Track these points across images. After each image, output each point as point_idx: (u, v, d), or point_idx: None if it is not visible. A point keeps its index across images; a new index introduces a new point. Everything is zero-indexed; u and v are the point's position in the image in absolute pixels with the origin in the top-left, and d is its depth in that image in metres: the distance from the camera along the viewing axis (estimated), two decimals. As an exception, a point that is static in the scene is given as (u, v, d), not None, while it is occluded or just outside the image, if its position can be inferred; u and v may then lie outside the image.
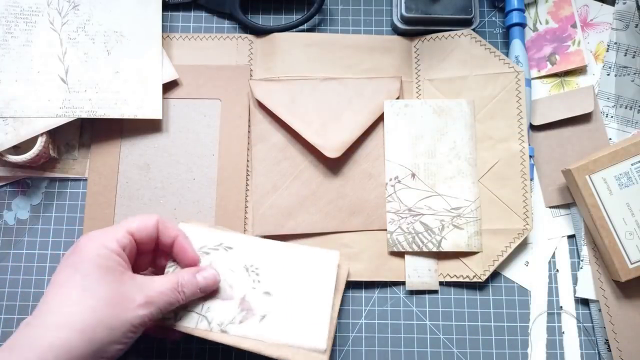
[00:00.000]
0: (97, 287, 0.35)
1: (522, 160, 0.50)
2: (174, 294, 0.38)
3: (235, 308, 0.43)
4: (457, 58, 0.53)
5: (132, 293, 0.36)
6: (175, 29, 0.55)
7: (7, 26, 0.49)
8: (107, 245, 0.37)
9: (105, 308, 0.34)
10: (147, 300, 0.36)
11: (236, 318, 0.42)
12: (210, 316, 0.42)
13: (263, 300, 0.43)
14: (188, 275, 0.40)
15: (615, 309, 0.48)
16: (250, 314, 0.43)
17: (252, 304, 0.43)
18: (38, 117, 0.48)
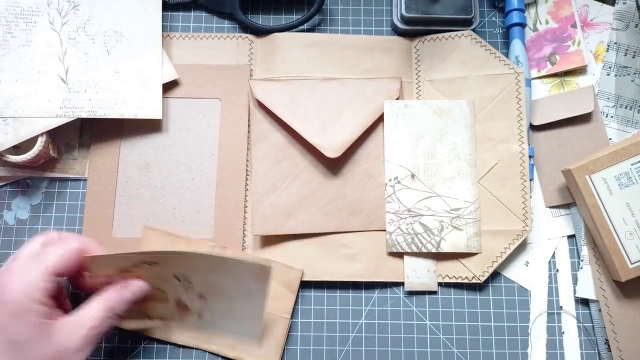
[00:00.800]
0: (27, 348, 0.34)
1: (521, 161, 0.50)
2: (107, 321, 0.38)
3: (172, 308, 0.46)
4: (457, 59, 0.53)
5: (65, 341, 0.35)
6: (175, 29, 0.55)
7: (7, 26, 0.49)
8: (32, 296, 0.35)
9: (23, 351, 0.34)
10: (84, 342, 0.36)
11: (175, 317, 0.46)
12: (151, 314, 0.46)
13: (199, 302, 0.45)
14: (115, 296, 0.40)
15: (615, 309, 0.48)
16: (188, 312, 0.46)
17: (188, 304, 0.45)
18: (38, 117, 0.48)
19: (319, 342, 0.49)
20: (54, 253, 0.38)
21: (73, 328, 0.36)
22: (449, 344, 0.49)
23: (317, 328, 0.49)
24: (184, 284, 0.44)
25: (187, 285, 0.44)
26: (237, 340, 0.47)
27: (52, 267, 0.37)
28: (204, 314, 0.46)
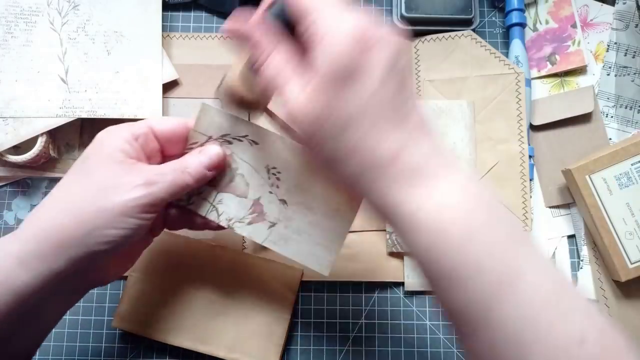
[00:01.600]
0: (93, 171, 0.34)
1: (521, 161, 0.50)
2: (177, 173, 0.35)
3: (246, 207, 0.40)
4: (458, 59, 0.53)
5: (132, 177, 0.33)
6: (175, 29, 0.55)
7: (7, 26, 0.49)
8: (118, 134, 0.35)
9: (97, 191, 0.33)
10: (146, 181, 0.33)
11: (246, 217, 0.40)
12: (221, 209, 0.40)
13: (278, 207, 0.40)
14: (190, 155, 0.37)
15: (615, 309, 0.48)
16: (261, 218, 0.40)
17: (265, 208, 0.40)
18: (38, 117, 0.48)
19: (319, 342, 0.49)
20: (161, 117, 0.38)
21: (146, 169, 0.35)
22: (449, 344, 0.49)
23: (317, 328, 0.49)
24: (272, 180, 0.40)
25: (274, 182, 0.40)
26: (236, 340, 0.47)
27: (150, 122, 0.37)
28: (278, 222, 0.40)
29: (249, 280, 0.48)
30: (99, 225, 0.32)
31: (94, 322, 0.49)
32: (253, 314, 0.48)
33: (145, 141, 0.36)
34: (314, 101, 0.28)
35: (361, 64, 0.27)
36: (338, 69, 0.27)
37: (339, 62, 0.27)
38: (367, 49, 0.27)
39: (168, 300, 0.48)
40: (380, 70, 0.27)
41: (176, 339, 0.47)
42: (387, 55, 0.27)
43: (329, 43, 0.27)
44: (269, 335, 0.47)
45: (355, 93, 0.27)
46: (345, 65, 0.27)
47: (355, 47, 0.26)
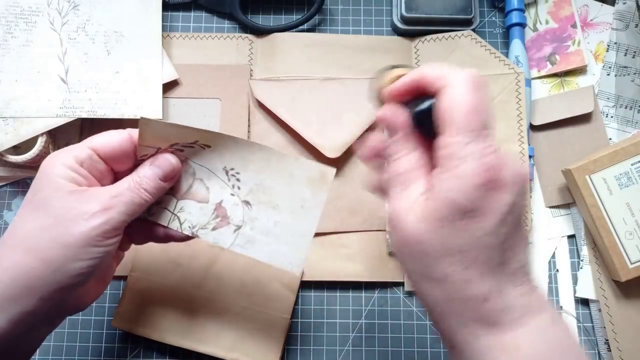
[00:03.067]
0: (47, 205, 0.32)
1: (521, 161, 0.50)
2: (133, 192, 0.34)
3: (209, 212, 0.39)
4: (457, 59, 0.53)
5: (87, 205, 0.32)
6: (175, 29, 0.55)
7: (7, 26, 0.49)
8: (63, 161, 0.34)
9: (55, 225, 0.32)
10: (103, 207, 0.33)
11: (210, 223, 0.39)
12: (183, 217, 0.38)
13: (241, 209, 0.39)
14: (142, 168, 0.36)
15: (615, 309, 0.48)
16: (225, 222, 0.39)
17: (229, 211, 0.39)
18: (38, 117, 0.48)
19: (319, 342, 0.49)
20: (98, 134, 0.36)
21: (99, 194, 0.34)
22: (449, 344, 0.49)
23: (317, 328, 0.49)
24: (233, 182, 0.39)
25: (234, 184, 0.39)
26: (235, 340, 0.47)
27: (90, 143, 0.35)
28: (243, 225, 0.39)
29: (249, 280, 0.48)
30: (65, 261, 0.31)
31: (94, 322, 0.49)
32: (253, 314, 0.48)
33: (91, 164, 0.35)
34: (424, 221, 0.27)
35: (483, 205, 0.27)
36: (460, 205, 0.26)
37: (463, 200, 0.26)
38: (492, 191, 0.26)
39: (168, 300, 0.48)
40: (499, 214, 0.27)
41: (176, 339, 0.47)
42: (509, 201, 0.27)
43: (458, 176, 0.26)
44: (269, 335, 0.47)
45: (468, 230, 0.27)
46: (467, 204, 0.26)
47: (482, 189, 0.26)
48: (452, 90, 0.27)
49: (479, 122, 0.27)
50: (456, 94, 0.27)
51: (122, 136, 0.36)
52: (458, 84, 0.27)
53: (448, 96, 0.27)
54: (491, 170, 0.26)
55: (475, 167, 0.26)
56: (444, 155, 0.27)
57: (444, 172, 0.27)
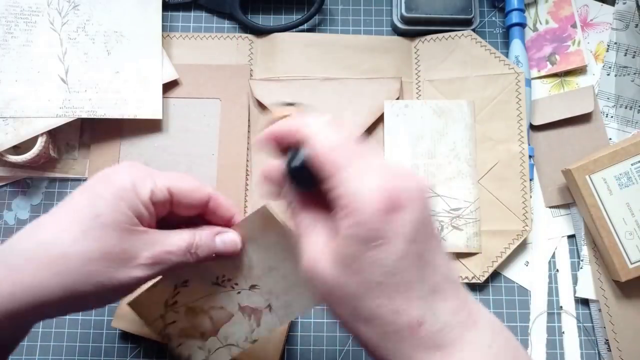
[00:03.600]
0: (100, 233, 0.30)
1: (521, 161, 0.50)
2: (186, 255, 0.33)
3: (242, 319, 0.38)
4: (458, 59, 0.53)
5: (138, 249, 0.31)
6: (175, 29, 0.55)
7: (7, 26, 0.49)
8: (139, 192, 0.31)
9: (98, 261, 0.30)
10: (153, 260, 0.31)
11: (252, 324, 0.38)
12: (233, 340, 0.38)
13: (256, 294, 0.38)
14: (206, 236, 0.34)
15: (615, 309, 0.48)
16: (257, 313, 0.38)
17: (250, 302, 0.38)
18: (38, 117, 0.48)
19: (319, 342, 0.49)
20: (183, 178, 0.34)
21: (153, 241, 0.32)
22: (449, 344, 0.49)
23: (317, 328, 0.49)
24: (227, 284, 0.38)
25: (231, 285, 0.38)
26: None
27: (172, 184, 0.33)
28: (269, 301, 0.38)
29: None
30: (93, 299, 0.31)
31: (94, 322, 0.49)
32: (253, 314, 0.47)
33: (162, 206, 0.33)
34: (335, 265, 0.26)
35: (386, 230, 0.25)
36: (362, 237, 0.25)
37: (364, 231, 0.25)
38: (393, 212, 0.25)
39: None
40: (406, 235, 0.26)
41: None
42: (413, 217, 0.26)
43: (354, 209, 0.25)
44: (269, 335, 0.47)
45: (379, 259, 0.26)
46: (369, 234, 0.25)
47: (381, 213, 0.25)
48: (315, 137, 0.27)
49: (353, 152, 0.26)
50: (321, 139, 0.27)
51: (202, 195, 0.34)
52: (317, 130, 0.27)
53: (315, 144, 0.27)
54: (387, 192, 0.25)
55: (370, 194, 0.25)
56: (335, 196, 0.26)
57: (339, 211, 0.26)
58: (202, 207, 0.35)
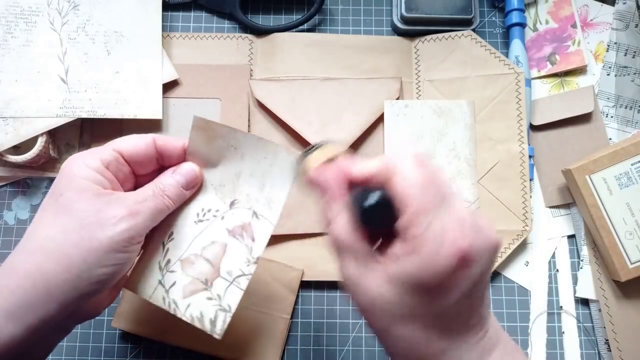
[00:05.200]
0: (71, 207, 0.31)
1: (521, 161, 0.50)
2: (157, 198, 0.34)
3: (237, 243, 0.37)
4: (458, 59, 0.53)
5: (112, 209, 0.32)
6: (175, 29, 0.55)
7: (7, 26, 0.49)
8: (88, 163, 0.33)
9: (79, 229, 0.31)
10: (130, 212, 0.32)
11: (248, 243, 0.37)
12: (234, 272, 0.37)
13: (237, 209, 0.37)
14: (165, 176, 0.35)
15: (615, 309, 0.48)
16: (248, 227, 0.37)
17: (237, 222, 0.37)
18: (38, 117, 0.48)
19: (319, 342, 0.49)
20: (123, 137, 0.36)
21: (124, 198, 0.33)
22: (449, 344, 0.49)
23: (317, 328, 0.49)
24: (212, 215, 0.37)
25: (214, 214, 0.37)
26: (236, 340, 0.47)
27: (115, 145, 0.34)
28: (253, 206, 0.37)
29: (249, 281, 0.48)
30: (88, 267, 0.31)
31: (94, 322, 0.49)
32: (253, 314, 0.48)
33: (116, 167, 0.34)
34: (387, 289, 0.27)
35: (449, 284, 0.26)
36: (426, 284, 0.26)
37: (430, 280, 0.26)
38: (464, 267, 0.26)
39: (168, 300, 0.47)
40: (465, 289, 0.27)
41: (176, 339, 0.47)
42: (477, 272, 0.26)
43: (425, 258, 0.26)
44: (269, 335, 0.47)
45: (431, 303, 0.27)
46: (433, 283, 0.26)
47: (450, 270, 0.25)
48: (401, 174, 0.27)
49: (438, 194, 0.26)
50: (407, 176, 0.27)
51: (147, 140, 0.35)
52: (404, 168, 0.27)
53: (400, 181, 0.27)
54: (461, 254, 0.25)
55: (443, 250, 0.25)
56: (408, 236, 0.26)
57: (409, 251, 0.26)
58: (154, 155, 0.36)
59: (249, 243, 0.37)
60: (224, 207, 0.37)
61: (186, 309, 0.36)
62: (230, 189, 0.37)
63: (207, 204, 0.37)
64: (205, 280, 0.36)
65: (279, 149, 0.35)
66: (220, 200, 0.37)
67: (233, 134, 0.36)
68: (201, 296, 0.36)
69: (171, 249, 0.37)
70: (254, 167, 0.36)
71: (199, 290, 0.37)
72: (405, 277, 0.26)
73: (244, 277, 0.36)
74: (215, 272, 0.37)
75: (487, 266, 0.27)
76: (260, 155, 0.36)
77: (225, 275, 0.37)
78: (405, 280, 0.26)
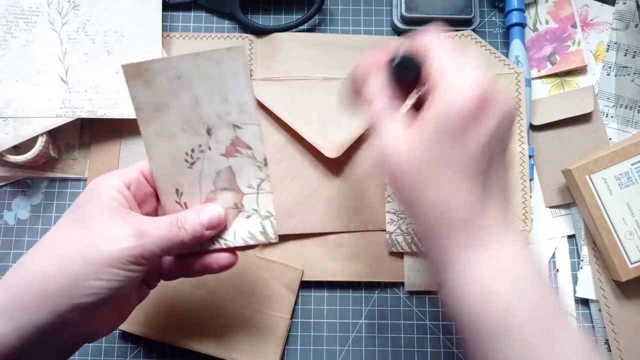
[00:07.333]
0: (86, 220, 0.32)
1: (521, 161, 0.50)
2: (172, 227, 0.34)
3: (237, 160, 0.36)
4: (457, 58, 0.53)
5: (124, 227, 0.32)
6: (175, 29, 0.55)
7: (7, 26, 0.49)
8: (110, 181, 0.34)
9: (87, 240, 0.31)
10: (137, 231, 0.32)
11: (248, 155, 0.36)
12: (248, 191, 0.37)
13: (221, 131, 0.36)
14: (188, 212, 0.35)
15: (615, 309, 0.48)
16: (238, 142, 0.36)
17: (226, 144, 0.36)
18: (38, 117, 0.48)
19: (319, 342, 0.49)
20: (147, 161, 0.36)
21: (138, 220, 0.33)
22: (449, 344, 0.49)
23: (317, 328, 0.49)
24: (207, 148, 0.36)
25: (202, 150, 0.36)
26: (236, 340, 0.47)
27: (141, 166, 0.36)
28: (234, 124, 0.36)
29: (249, 280, 0.48)
30: (84, 276, 0.31)
31: (94, 322, 0.49)
32: (253, 314, 0.48)
33: (137, 187, 0.35)
34: (415, 148, 0.29)
35: (473, 125, 0.28)
36: (452, 125, 0.28)
37: (455, 119, 0.28)
38: (483, 111, 0.28)
39: (168, 300, 0.48)
40: (487, 134, 0.28)
41: (176, 339, 0.47)
42: (497, 122, 0.28)
43: (450, 99, 0.28)
44: (269, 335, 0.47)
45: (457, 151, 0.28)
46: (460, 123, 0.28)
47: (473, 108, 0.28)
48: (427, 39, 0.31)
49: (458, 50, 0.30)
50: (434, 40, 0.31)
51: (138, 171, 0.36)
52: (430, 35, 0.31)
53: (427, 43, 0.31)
54: (482, 90, 0.28)
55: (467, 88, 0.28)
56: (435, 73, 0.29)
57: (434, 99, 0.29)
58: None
59: (248, 153, 0.36)
60: (204, 137, 0.36)
61: (235, 237, 0.37)
62: (197, 119, 0.35)
63: (188, 145, 0.36)
64: (235, 205, 0.37)
65: (220, 54, 0.34)
66: (196, 135, 0.36)
67: (168, 64, 0.34)
68: (241, 219, 0.37)
69: (189, 202, 0.37)
70: (206, 85, 0.35)
71: (236, 215, 0.37)
72: (434, 126, 0.28)
73: (265, 182, 0.37)
74: (238, 193, 0.37)
75: (503, 119, 0.29)
76: (206, 70, 0.34)
77: (249, 191, 0.37)
78: (434, 130, 0.28)
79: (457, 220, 0.29)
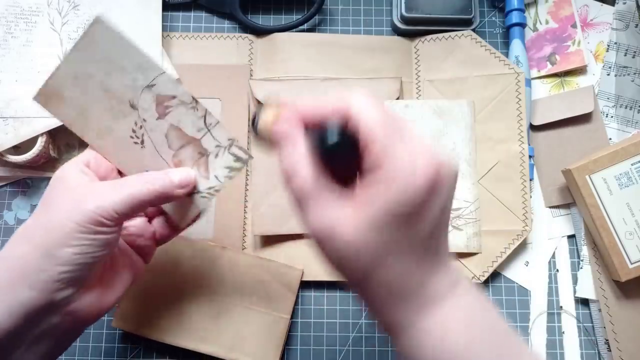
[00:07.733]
0: (53, 198, 0.33)
1: (521, 161, 0.50)
2: (139, 184, 0.33)
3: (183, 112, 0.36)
4: (458, 59, 0.53)
5: (83, 195, 0.33)
6: (175, 29, 0.55)
7: (7, 26, 0.49)
8: (70, 166, 0.35)
9: (49, 212, 0.32)
10: (98, 192, 0.33)
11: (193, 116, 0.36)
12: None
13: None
14: (155, 172, 0.36)
15: (615, 309, 0.48)
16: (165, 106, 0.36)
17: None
18: (38, 117, 0.48)
19: (319, 342, 0.49)
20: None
21: (97, 185, 0.34)
22: (449, 344, 0.49)
23: (317, 328, 0.49)
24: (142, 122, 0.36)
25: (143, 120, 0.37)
26: (236, 340, 0.47)
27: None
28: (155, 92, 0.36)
29: (249, 280, 0.48)
30: (54, 245, 0.31)
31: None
32: (253, 314, 0.48)
33: (96, 163, 0.36)
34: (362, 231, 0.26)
35: (426, 207, 0.26)
36: (404, 210, 0.26)
37: (408, 205, 0.26)
38: (434, 191, 0.26)
39: (168, 300, 0.48)
40: (439, 212, 0.27)
41: (176, 339, 0.47)
42: (447, 194, 0.27)
43: (402, 185, 0.25)
44: (269, 335, 0.47)
45: (410, 235, 0.27)
46: (412, 209, 0.26)
47: (426, 194, 0.26)
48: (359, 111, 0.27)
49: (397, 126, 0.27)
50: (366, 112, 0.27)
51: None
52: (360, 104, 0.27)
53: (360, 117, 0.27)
54: (435, 171, 0.26)
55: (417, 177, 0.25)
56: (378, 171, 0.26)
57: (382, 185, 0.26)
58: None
59: (175, 102, 0.36)
60: (134, 113, 0.36)
61: (218, 179, 0.37)
62: (117, 102, 0.36)
63: (126, 128, 0.36)
64: (200, 153, 0.37)
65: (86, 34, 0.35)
66: (126, 115, 0.36)
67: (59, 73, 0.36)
68: (213, 161, 0.37)
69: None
70: (100, 67, 0.35)
71: (206, 161, 0.37)
72: (384, 211, 0.26)
73: (207, 116, 0.36)
74: (194, 142, 0.37)
75: (451, 191, 0.28)
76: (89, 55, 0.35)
77: (201, 133, 0.37)
78: (383, 215, 0.26)
79: (409, 292, 0.28)
